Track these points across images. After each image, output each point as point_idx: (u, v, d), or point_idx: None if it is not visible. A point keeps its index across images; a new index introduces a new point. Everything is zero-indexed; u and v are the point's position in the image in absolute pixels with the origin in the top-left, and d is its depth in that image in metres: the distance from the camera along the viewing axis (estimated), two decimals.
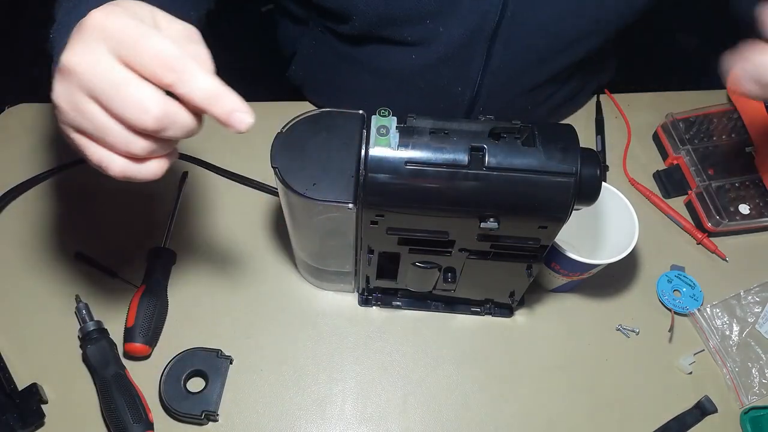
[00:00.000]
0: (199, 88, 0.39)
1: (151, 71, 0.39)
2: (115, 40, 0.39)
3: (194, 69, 0.39)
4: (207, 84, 0.39)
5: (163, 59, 0.39)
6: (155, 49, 0.39)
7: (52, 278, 0.73)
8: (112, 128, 0.40)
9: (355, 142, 0.56)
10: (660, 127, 0.86)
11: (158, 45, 0.39)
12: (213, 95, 0.40)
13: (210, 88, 0.40)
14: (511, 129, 0.51)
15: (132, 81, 0.39)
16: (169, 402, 0.64)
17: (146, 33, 0.39)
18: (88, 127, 0.41)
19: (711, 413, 0.68)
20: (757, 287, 0.75)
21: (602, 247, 0.72)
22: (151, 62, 0.39)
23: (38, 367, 0.68)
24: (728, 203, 0.78)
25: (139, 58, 0.39)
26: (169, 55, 0.39)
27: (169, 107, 0.40)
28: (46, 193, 0.79)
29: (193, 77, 0.39)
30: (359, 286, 0.72)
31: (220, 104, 0.40)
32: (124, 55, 0.39)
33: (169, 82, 0.39)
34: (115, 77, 0.39)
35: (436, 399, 0.68)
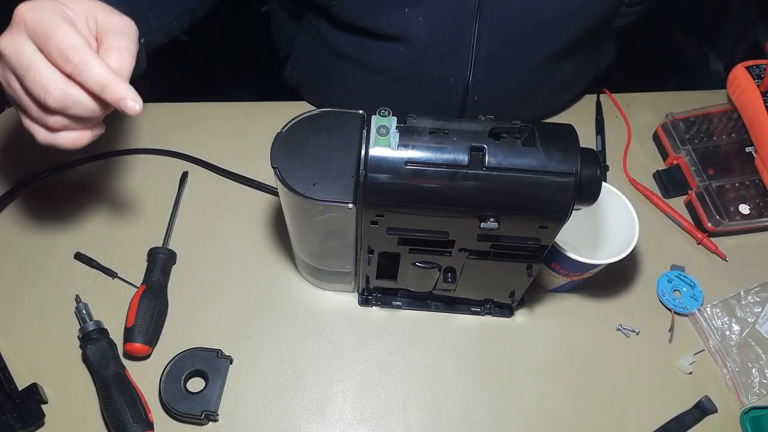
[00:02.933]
0: (92, 78, 0.47)
1: (54, 60, 0.47)
2: (31, 30, 0.47)
3: (90, 61, 0.47)
4: (99, 74, 0.47)
5: (63, 51, 0.46)
6: (58, 41, 0.46)
7: (52, 278, 0.73)
8: (30, 104, 0.49)
9: (354, 142, 0.55)
10: (660, 127, 0.87)
11: (62, 38, 0.46)
12: (104, 84, 0.47)
13: (101, 78, 0.47)
14: (511, 129, 0.51)
15: (39, 65, 0.47)
16: (169, 402, 0.64)
17: (55, 27, 0.47)
18: (16, 101, 0.50)
19: (711, 413, 0.68)
20: (757, 287, 0.75)
21: (602, 247, 0.72)
22: (54, 53, 0.47)
23: (38, 367, 0.68)
24: (728, 203, 0.78)
25: (47, 48, 0.47)
26: (69, 47, 0.46)
27: (69, 90, 0.47)
28: (46, 193, 0.79)
29: (87, 68, 0.47)
30: (359, 286, 0.72)
31: (110, 91, 0.47)
32: (38, 43, 0.47)
33: (69, 71, 0.47)
34: (26, 61, 0.47)
35: (436, 399, 0.68)
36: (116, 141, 0.84)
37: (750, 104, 0.82)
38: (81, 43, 0.47)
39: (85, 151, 0.82)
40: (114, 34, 0.51)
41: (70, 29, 0.47)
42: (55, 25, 0.47)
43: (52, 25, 0.47)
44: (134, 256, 0.74)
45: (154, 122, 0.86)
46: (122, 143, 0.84)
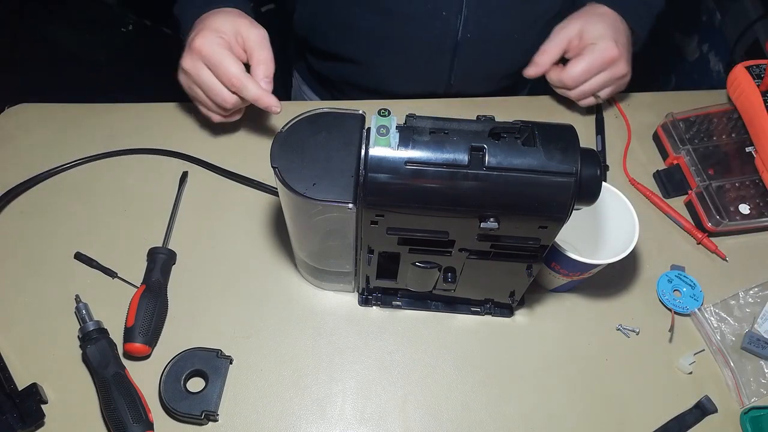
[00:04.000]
0: (249, 95, 0.74)
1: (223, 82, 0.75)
2: (206, 60, 0.74)
3: (247, 84, 0.74)
4: (253, 92, 0.74)
5: (229, 78, 0.74)
6: (225, 71, 0.74)
7: (52, 278, 0.73)
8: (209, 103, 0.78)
9: (354, 142, 0.55)
10: (660, 127, 0.87)
11: (226, 69, 0.73)
12: (257, 98, 0.74)
13: (255, 95, 0.74)
14: (511, 129, 0.51)
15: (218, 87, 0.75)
16: (169, 402, 0.64)
17: (222, 60, 0.73)
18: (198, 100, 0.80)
19: (711, 413, 0.68)
20: (757, 287, 0.75)
21: (602, 247, 0.72)
22: (224, 79, 0.74)
23: (38, 367, 0.68)
24: (728, 203, 0.78)
25: (218, 74, 0.74)
26: (232, 75, 0.73)
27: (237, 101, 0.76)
28: (46, 193, 0.79)
29: (246, 89, 0.74)
30: (359, 286, 0.72)
31: (261, 102, 0.75)
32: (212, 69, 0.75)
33: (234, 90, 0.75)
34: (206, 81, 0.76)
35: (436, 399, 0.68)
36: (116, 141, 0.84)
37: (750, 104, 0.82)
38: (240, 71, 0.73)
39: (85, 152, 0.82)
40: (258, 48, 0.76)
41: (231, 60, 0.73)
42: (221, 58, 0.73)
43: (220, 59, 0.73)
44: (134, 256, 0.74)
45: (154, 122, 0.86)
46: (122, 143, 0.84)
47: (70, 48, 1.57)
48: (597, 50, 0.82)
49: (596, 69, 0.83)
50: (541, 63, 0.85)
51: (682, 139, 0.83)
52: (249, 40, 0.75)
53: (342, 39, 0.92)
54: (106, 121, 0.87)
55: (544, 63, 0.85)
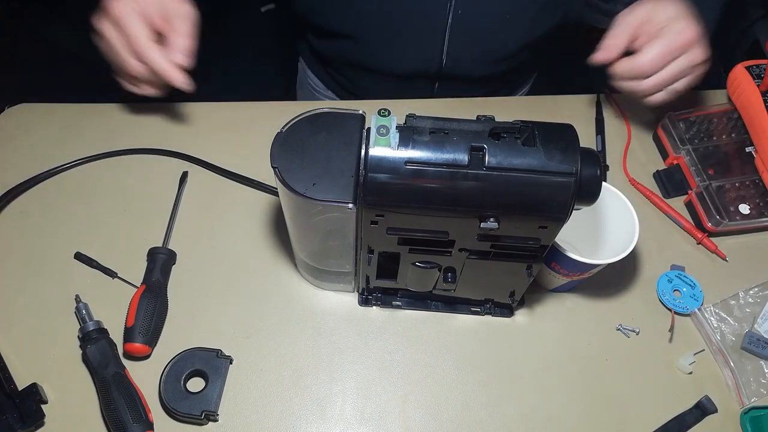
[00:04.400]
0: (153, 64, 0.73)
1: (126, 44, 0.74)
2: (113, 21, 0.73)
3: (149, 53, 0.73)
4: (157, 63, 0.73)
5: (131, 41, 0.73)
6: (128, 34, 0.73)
7: (52, 278, 0.73)
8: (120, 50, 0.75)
9: (354, 142, 0.55)
10: (660, 127, 0.87)
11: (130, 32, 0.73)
12: (160, 69, 0.74)
13: (159, 66, 0.74)
14: (511, 129, 0.51)
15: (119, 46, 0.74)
16: (169, 402, 0.64)
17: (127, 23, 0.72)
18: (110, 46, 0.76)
19: (711, 413, 0.68)
20: (757, 287, 0.75)
21: (602, 247, 0.72)
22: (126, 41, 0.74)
23: (38, 367, 0.68)
24: (728, 203, 0.78)
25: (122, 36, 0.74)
26: (134, 40, 0.73)
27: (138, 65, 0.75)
28: (46, 193, 0.79)
29: (148, 57, 0.73)
30: (359, 286, 0.72)
31: (166, 74, 0.74)
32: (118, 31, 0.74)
33: (136, 57, 0.74)
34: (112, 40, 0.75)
35: (436, 399, 0.68)
36: (116, 141, 0.84)
37: (750, 104, 0.82)
38: (143, 37, 0.72)
39: (85, 152, 0.82)
40: (180, 20, 0.75)
41: (139, 25, 0.72)
42: (128, 21, 0.72)
43: (126, 21, 0.72)
44: (134, 256, 0.74)
45: (154, 122, 0.86)
46: (122, 143, 0.84)
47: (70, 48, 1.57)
48: (673, 31, 0.73)
49: (675, 52, 0.74)
50: (609, 47, 0.76)
51: (682, 139, 0.83)
52: (171, 10, 0.74)
53: (338, 15, 0.91)
54: (106, 121, 0.87)
55: (611, 47, 0.76)
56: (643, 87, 0.77)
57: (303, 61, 1.12)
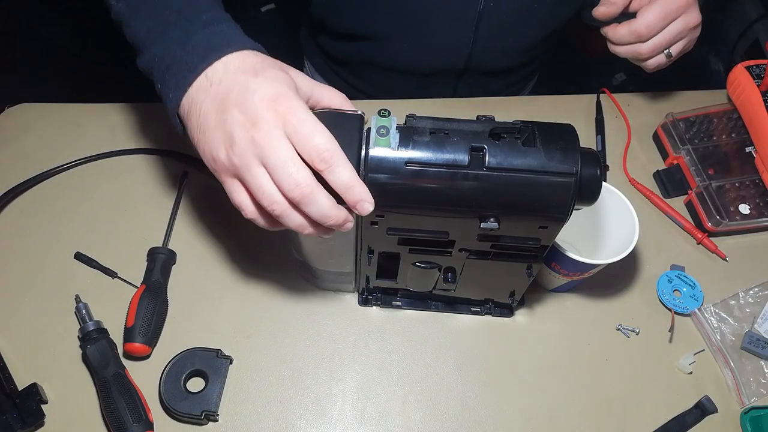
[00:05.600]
0: (340, 179, 0.48)
1: (309, 158, 0.48)
2: (290, 127, 0.48)
3: (340, 163, 0.48)
4: (346, 177, 0.48)
5: (320, 153, 0.47)
6: (317, 144, 0.47)
7: (52, 278, 0.73)
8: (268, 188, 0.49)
9: (354, 143, 0.54)
10: (660, 127, 0.87)
11: (319, 141, 0.48)
12: (349, 186, 0.49)
13: (347, 181, 0.49)
14: (511, 129, 0.51)
15: (297, 164, 0.48)
16: (169, 402, 0.64)
17: (314, 130, 0.48)
18: (249, 182, 0.49)
19: (711, 413, 0.68)
20: (757, 287, 0.75)
21: (602, 247, 0.72)
22: (311, 153, 0.48)
23: (38, 367, 0.68)
24: (728, 203, 0.78)
25: (303, 147, 0.48)
26: (325, 150, 0.47)
27: (314, 188, 0.48)
28: (46, 193, 0.79)
29: (337, 169, 0.48)
30: (359, 286, 0.72)
31: (351, 193, 0.49)
32: (294, 140, 0.48)
33: (320, 170, 0.48)
34: (283, 158, 0.47)
35: (436, 399, 0.68)
36: (116, 141, 0.84)
37: (750, 104, 0.82)
38: (335, 146, 0.48)
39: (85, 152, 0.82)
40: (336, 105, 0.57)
41: (324, 131, 0.49)
42: (313, 126, 0.48)
43: (311, 128, 0.48)
44: (134, 256, 0.74)
45: (154, 122, 0.86)
46: (122, 143, 0.84)
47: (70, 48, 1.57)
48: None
49: (672, 14, 0.77)
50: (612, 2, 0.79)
51: (682, 139, 0.83)
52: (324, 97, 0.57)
53: (364, 16, 0.90)
54: (106, 121, 0.86)
55: (615, 2, 0.79)
56: (642, 50, 0.79)
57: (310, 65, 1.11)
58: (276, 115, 0.48)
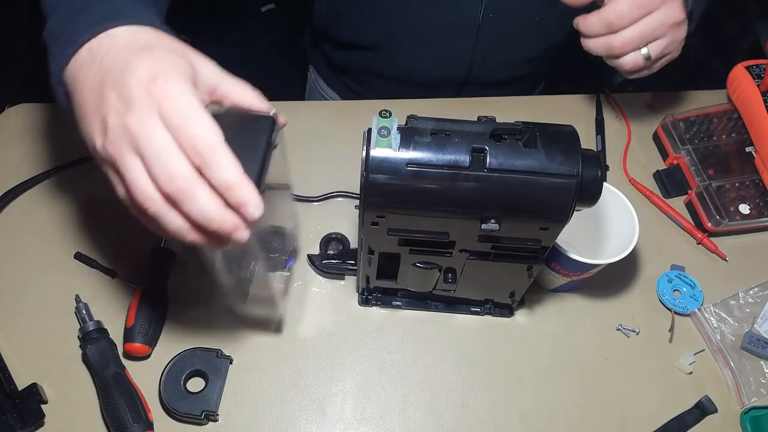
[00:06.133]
0: (219, 177, 0.42)
1: (187, 148, 0.42)
2: (166, 113, 0.42)
3: (222, 159, 0.42)
4: (226, 175, 0.42)
5: (195, 146, 0.42)
6: (193, 134, 0.42)
7: (52, 278, 0.73)
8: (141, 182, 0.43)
9: (259, 148, 0.48)
10: (660, 127, 0.87)
11: (197, 131, 0.42)
12: (229, 186, 0.43)
13: (228, 179, 0.42)
14: (512, 130, 0.51)
15: (171, 151, 0.42)
16: (169, 402, 0.64)
17: (193, 117, 0.42)
18: (123, 175, 0.44)
19: (711, 413, 0.68)
20: (757, 287, 0.76)
21: (602, 247, 0.72)
22: (187, 144, 0.42)
23: (38, 367, 0.68)
24: (728, 203, 0.78)
25: (179, 137, 0.42)
26: (204, 144, 0.42)
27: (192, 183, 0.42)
28: (46, 193, 0.79)
29: (218, 166, 0.42)
30: (359, 286, 0.72)
31: (232, 194, 0.43)
32: (171, 126, 0.42)
33: (198, 164, 0.42)
34: (160, 144, 0.42)
35: (436, 399, 0.68)
36: None
37: (750, 104, 0.82)
38: (217, 139, 0.43)
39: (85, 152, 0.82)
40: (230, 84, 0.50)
41: (207, 120, 0.43)
42: (193, 114, 0.43)
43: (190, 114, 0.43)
44: (134, 256, 0.74)
45: None
46: None
47: None
48: None
49: (647, 5, 0.69)
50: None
51: (682, 139, 0.83)
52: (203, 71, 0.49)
53: (364, 27, 0.90)
54: None
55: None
56: (614, 43, 0.71)
57: (314, 71, 1.11)
58: (150, 97, 0.42)
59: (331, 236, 0.76)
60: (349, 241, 0.75)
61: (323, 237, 0.75)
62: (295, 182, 0.81)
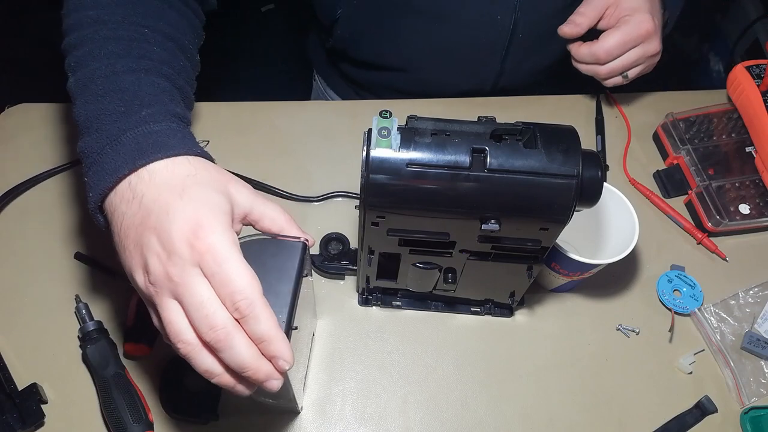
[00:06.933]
0: (255, 331, 0.44)
1: (227, 302, 0.43)
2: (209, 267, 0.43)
3: (257, 313, 0.43)
4: (261, 329, 0.44)
5: (235, 302, 0.43)
6: (233, 291, 0.43)
7: (52, 278, 0.73)
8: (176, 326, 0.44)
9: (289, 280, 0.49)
10: (660, 127, 0.87)
11: (237, 288, 0.43)
12: (263, 339, 0.44)
13: (263, 334, 0.44)
14: (512, 130, 0.51)
15: (212, 303, 0.43)
16: (169, 402, 0.64)
17: (232, 272, 0.43)
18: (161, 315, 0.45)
19: (711, 413, 0.68)
20: (757, 287, 0.76)
21: (602, 247, 0.72)
22: (226, 299, 0.43)
23: (38, 367, 0.68)
24: (728, 203, 0.78)
25: (220, 291, 0.43)
26: (243, 299, 0.43)
27: (231, 333, 0.43)
28: (46, 193, 0.79)
29: (255, 321, 0.43)
30: (359, 286, 0.72)
31: (266, 347, 0.44)
32: (213, 281, 0.43)
33: (237, 318, 0.44)
34: (202, 296, 0.43)
35: (436, 399, 0.68)
36: None
37: (750, 104, 0.82)
38: (256, 294, 0.44)
39: None
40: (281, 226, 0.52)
41: (245, 273, 0.44)
42: (233, 269, 0.43)
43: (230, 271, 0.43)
44: None
45: None
46: None
47: None
48: (632, 22, 0.79)
49: (631, 42, 0.79)
50: (579, 23, 0.81)
51: (682, 139, 0.83)
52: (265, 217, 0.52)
53: (389, 49, 0.91)
54: None
55: (581, 23, 0.81)
56: (600, 72, 0.83)
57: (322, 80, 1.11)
58: (192, 251, 0.43)
59: (331, 236, 0.76)
60: (349, 241, 0.76)
61: (323, 237, 0.75)
62: (295, 182, 0.81)
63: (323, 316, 0.73)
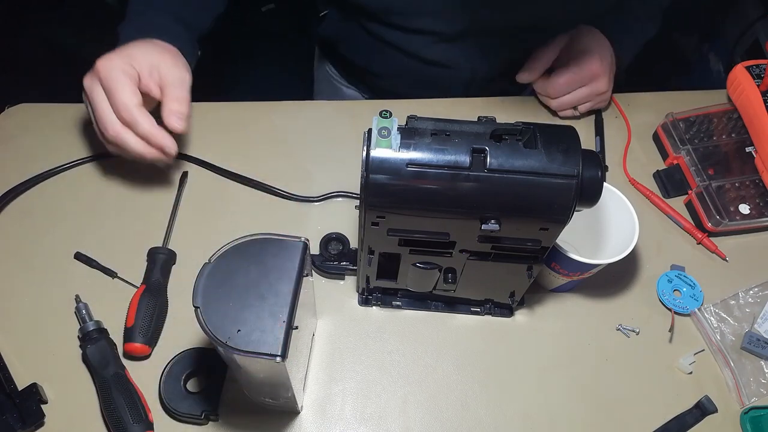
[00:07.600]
0: (139, 131, 0.69)
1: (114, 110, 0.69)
2: (103, 82, 0.68)
3: (137, 118, 0.68)
4: (144, 129, 0.69)
5: (119, 108, 0.68)
6: (116, 99, 0.68)
7: (52, 278, 0.73)
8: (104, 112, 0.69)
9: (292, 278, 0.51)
10: (660, 127, 0.87)
11: (119, 98, 0.68)
12: (148, 136, 0.70)
13: (145, 132, 0.69)
14: (512, 130, 0.51)
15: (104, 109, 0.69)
16: (169, 402, 0.64)
17: (117, 87, 0.67)
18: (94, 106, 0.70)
19: (711, 413, 0.68)
20: (757, 287, 0.76)
21: (602, 247, 0.72)
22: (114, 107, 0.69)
23: (38, 367, 0.68)
24: (728, 203, 0.78)
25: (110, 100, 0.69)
26: (123, 107, 0.68)
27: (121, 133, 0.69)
28: (46, 193, 0.79)
29: (135, 123, 0.69)
30: (359, 286, 0.72)
31: (153, 141, 0.70)
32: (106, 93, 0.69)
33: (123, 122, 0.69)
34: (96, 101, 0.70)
35: (436, 399, 0.68)
36: None
37: (750, 104, 0.82)
38: (133, 104, 0.68)
39: (85, 152, 0.82)
40: (174, 86, 0.71)
41: (127, 90, 0.67)
42: (117, 85, 0.67)
43: (115, 85, 0.67)
44: (134, 256, 0.74)
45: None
46: None
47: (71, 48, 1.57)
48: (581, 64, 0.84)
49: (578, 82, 0.85)
50: (534, 68, 0.87)
51: (682, 139, 0.83)
52: (166, 77, 0.71)
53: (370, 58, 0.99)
54: None
55: (537, 69, 0.87)
56: (551, 104, 0.89)
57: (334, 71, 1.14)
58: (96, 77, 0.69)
59: (331, 236, 0.76)
60: (349, 241, 0.76)
61: (323, 237, 0.75)
62: (295, 182, 0.81)
63: (323, 316, 0.73)
